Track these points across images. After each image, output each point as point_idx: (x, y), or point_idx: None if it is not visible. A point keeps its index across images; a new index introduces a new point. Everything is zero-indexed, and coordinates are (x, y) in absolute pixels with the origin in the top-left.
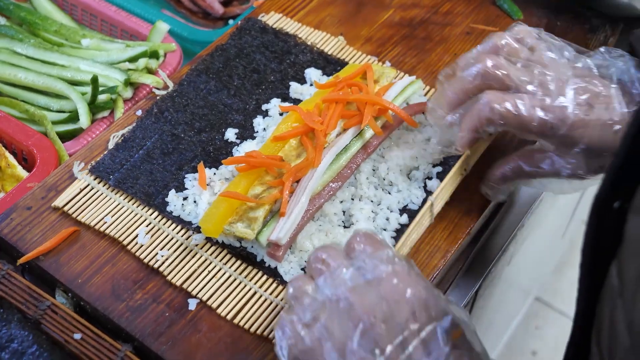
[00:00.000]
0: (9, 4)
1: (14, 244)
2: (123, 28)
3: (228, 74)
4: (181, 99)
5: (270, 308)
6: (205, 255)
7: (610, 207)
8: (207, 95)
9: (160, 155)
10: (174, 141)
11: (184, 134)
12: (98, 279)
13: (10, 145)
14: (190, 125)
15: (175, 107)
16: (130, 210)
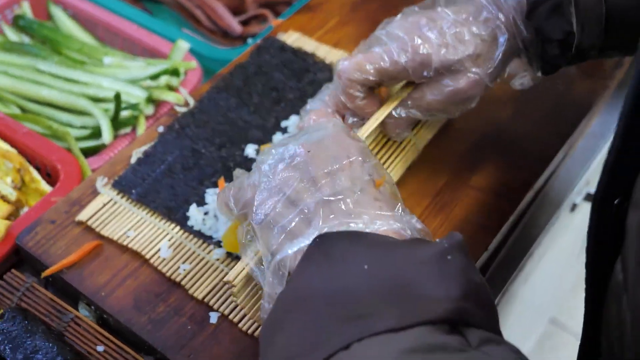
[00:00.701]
0: (33, 22)
1: (38, 257)
2: (144, 46)
3: (248, 91)
4: (202, 115)
5: None
6: (226, 269)
7: (610, 205)
8: (227, 112)
9: (182, 170)
10: (194, 156)
11: (204, 149)
12: (120, 292)
13: (34, 160)
14: (210, 141)
15: (196, 123)
16: (152, 224)
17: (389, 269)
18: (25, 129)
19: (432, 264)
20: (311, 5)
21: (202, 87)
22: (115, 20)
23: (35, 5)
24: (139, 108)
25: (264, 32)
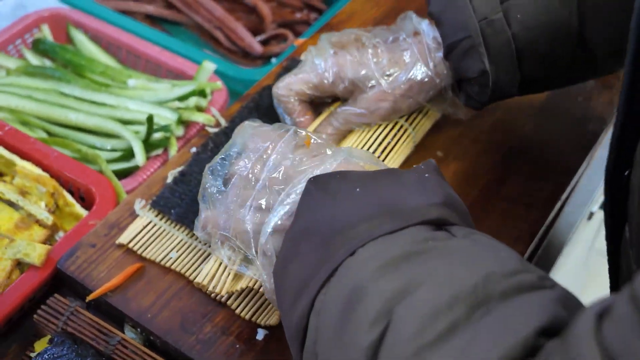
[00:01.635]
0: (55, 46)
1: (81, 281)
2: (168, 68)
3: (276, 112)
4: None
5: None
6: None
7: (621, 176)
8: None
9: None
10: None
11: None
12: (166, 313)
13: (66, 184)
14: None
15: None
16: (193, 245)
17: (378, 190)
18: (56, 153)
19: (413, 181)
20: (333, 24)
21: (230, 108)
22: (138, 42)
23: (54, 28)
24: (170, 129)
25: (287, 52)
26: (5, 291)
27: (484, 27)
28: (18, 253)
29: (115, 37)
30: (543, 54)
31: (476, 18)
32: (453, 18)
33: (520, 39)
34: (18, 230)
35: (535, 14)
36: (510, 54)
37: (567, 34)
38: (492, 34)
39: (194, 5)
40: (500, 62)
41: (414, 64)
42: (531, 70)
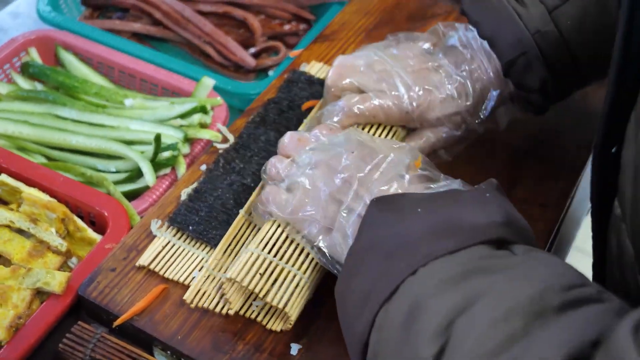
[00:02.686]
0: (45, 69)
1: (105, 307)
2: (164, 86)
3: (285, 125)
4: (245, 150)
5: None
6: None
7: (608, 153)
8: (268, 146)
9: (235, 206)
10: (245, 191)
11: (253, 183)
12: (197, 334)
13: (75, 208)
14: (259, 176)
15: (241, 159)
16: None
17: (439, 209)
18: (62, 178)
19: (474, 201)
20: (326, 35)
21: (236, 123)
22: (131, 61)
23: (42, 51)
24: (178, 148)
25: (283, 63)
26: (27, 322)
27: (538, 40)
28: (37, 282)
29: (106, 57)
30: (598, 52)
31: (529, 32)
32: (506, 36)
33: (574, 43)
34: (32, 258)
35: (581, 17)
36: (567, 60)
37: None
38: (548, 45)
39: (182, 22)
40: (559, 69)
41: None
42: (589, 69)
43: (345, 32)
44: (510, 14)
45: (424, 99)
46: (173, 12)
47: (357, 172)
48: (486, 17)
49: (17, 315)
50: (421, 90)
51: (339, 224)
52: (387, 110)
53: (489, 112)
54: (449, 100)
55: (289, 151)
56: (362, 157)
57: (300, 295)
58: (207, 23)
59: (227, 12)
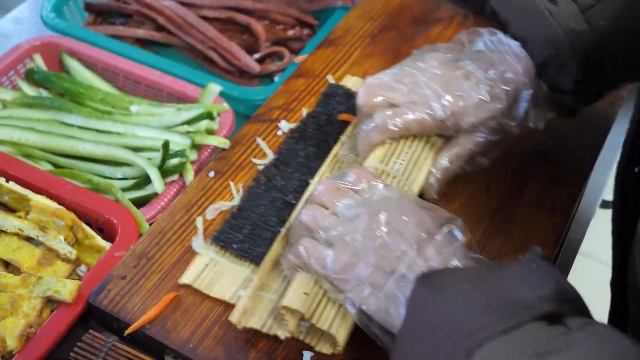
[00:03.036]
0: (50, 75)
1: (116, 315)
2: (169, 92)
3: (324, 140)
4: (285, 167)
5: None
6: None
7: (631, 172)
8: (308, 162)
9: (278, 223)
10: (287, 208)
11: (295, 200)
12: (209, 342)
13: (83, 216)
14: (300, 192)
15: (282, 175)
16: None
17: (486, 285)
18: (70, 185)
19: (521, 274)
20: (330, 40)
21: (243, 129)
22: (136, 67)
23: (47, 57)
24: (186, 154)
25: (288, 69)
26: (38, 331)
27: (572, 39)
28: (48, 290)
29: (111, 63)
30: (632, 55)
31: (562, 31)
32: (539, 35)
33: (608, 44)
34: (41, 267)
35: (616, 19)
36: (601, 61)
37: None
38: (582, 45)
39: (185, 27)
40: (593, 71)
41: (521, 93)
42: (623, 71)
43: (350, 37)
44: (542, 12)
45: (457, 105)
46: (176, 17)
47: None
48: (516, 14)
49: (28, 324)
50: (452, 97)
51: (389, 290)
52: (421, 122)
53: (523, 113)
54: (482, 105)
55: (325, 201)
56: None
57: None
58: (210, 28)
59: (231, 18)
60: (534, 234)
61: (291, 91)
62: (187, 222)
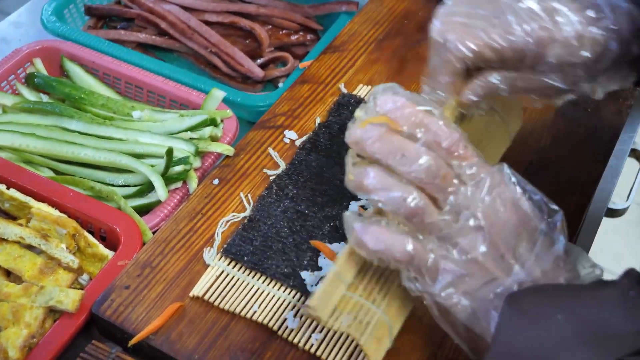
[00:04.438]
0: (51, 80)
1: (120, 325)
2: (172, 98)
3: (337, 150)
4: (298, 176)
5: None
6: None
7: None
8: (321, 172)
9: (290, 234)
10: (299, 218)
11: (307, 209)
12: (214, 353)
13: (86, 224)
14: (313, 202)
15: (294, 184)
16: (272, 294)
17: (580, 315)
18: (72, 192)
19: (617, 303)
20: (335, 45)
21: (247, 135)
22: (139, 72)
23: (47, 62)
24: (190, 162)
25: (293, 75)
26: (41, 341)
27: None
28: (50, 300)
29: (113, 68)
30: None
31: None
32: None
33: None
34: (43, 275)
35: None
36: None
37: None
38: None
39: (187, 32)
40: None
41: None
42: None
43: (355, 43)
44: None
45: (541, 35)
46: (179, 22)
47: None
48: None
49: (31, 334)
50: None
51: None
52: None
53: (605, 72)
54: (568, 46)
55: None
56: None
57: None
58: (213, 33)
59: (234, 23)
60: None
61: (296, 97)
62: (191, 231)
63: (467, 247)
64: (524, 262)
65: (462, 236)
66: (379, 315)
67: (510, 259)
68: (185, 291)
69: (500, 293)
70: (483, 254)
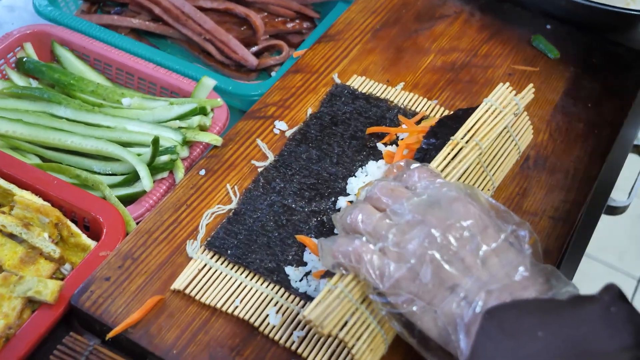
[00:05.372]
0: (41, 65)
1: (98, 318)
2: (162, 85)
3: (327, 142)
4: (286, 169)
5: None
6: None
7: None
8: (309, 165)
9: (275, 228)
10: (285, 212)
11: (294, 204)
12: (193, 349)
13: (70, 213)
14: (300, 196)
15: (282, 177)
16: (255, 289)
17: (561, 331)
18: (57, 180)
19: (599, 320)
20: (330, 34)
21: (237, 125)
22: (130, 59)
23: (38, 47)
24: (176, 151)
25: (286, 64)
26: (18, 332)
27: None
28: (29, 291)
29: (104, 54)
30: None
31: None
32: None
33: None
34: (24, 265)
35: None
36: None
37: None
38: None
39: (182, 18)
40: None
41: None
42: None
43: (350, 32)
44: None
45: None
46: (173, 8)
47: (474, 251)
48: None
49: (8, 325)
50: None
51: (448, 309)
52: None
53: None
54: None
55: (379, 203)
56: (481, 229)
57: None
58: (207, 20)
59: (229, 9)
60: None
61: (288, 87)
62: (175, 222)
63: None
64: (490, 269)
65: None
66: (374, 325)
67: (474, 267)
68: (167, 284)
69: (465, 304)
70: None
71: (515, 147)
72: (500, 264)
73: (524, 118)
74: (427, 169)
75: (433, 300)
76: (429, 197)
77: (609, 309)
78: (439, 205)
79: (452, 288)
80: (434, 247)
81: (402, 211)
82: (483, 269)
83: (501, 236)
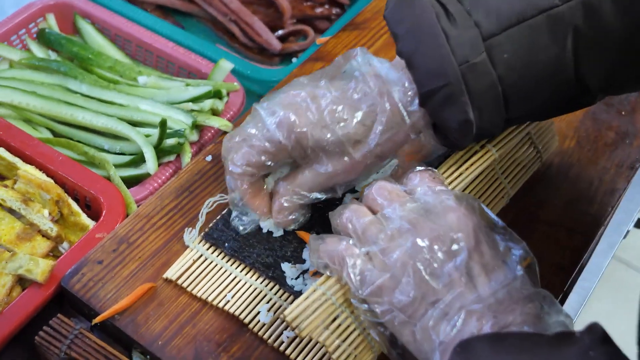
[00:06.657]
0: (61, 38)
1: (87, 302)
2: (181, 65)
3: None
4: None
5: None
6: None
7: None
8: None
9: None
10: None
11: None
12: (179, 341)
13: (72, 191)
14: None
15: None
16: (248, 284)
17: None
18: (62, 156)
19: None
20: (357, 22)
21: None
22: (150, 36)
23: (60, 18)
24: (185, 135)
25: (309, 50)
26: (5, 310)
27: (465, 71)
28: (20, 269)
29: (125, 30)
30: (531, 94)
31: (456, 61)
32: (428, 62)
33: (507, 80)
34: (20, 241)
35: (523, 53)
36: (496, 97)
37: (558, 71)
38: (475, 78)
39: None
40: (484, 107)
41: (386, 123)
42: (518, 110)
43: (378, 21)
44: (437, 35)
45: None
46: None
47: (460, 266)
48: (408, 31)
49: None
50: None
51: (426, 325)
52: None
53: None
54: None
55: (374, 205)
56: (474, 244)
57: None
58: (234, 0)
59: None
60: (550, 255)
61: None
62: (175, 208)
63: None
64: (477, 290)
65: (393, 240)
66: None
67: (459, 284)
68: (160, 272)
69: (443, 324)
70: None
71: (537, 155)
72: (487, 283)
73: (549, 124)
74: (429, 174)
75: (414, 313)
76: (425, 204)
77: (587, 352)
78: (433, 214)
79: (434, 303)
80: (418, 257)
81: (394, 216)
82: (468, 285)
83: (493, 254)
